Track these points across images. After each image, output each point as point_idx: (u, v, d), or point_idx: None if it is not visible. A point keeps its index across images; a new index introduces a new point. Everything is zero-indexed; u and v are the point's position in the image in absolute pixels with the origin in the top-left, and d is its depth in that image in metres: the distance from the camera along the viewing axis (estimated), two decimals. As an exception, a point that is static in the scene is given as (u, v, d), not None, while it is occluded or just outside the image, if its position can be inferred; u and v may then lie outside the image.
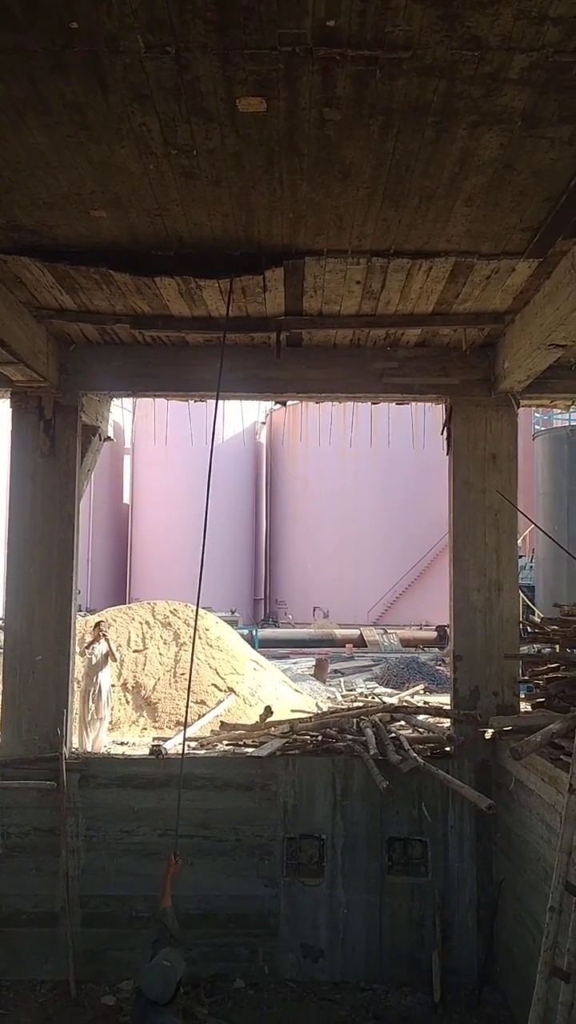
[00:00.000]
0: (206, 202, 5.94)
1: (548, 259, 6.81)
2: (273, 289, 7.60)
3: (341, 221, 6.22)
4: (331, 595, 38.24)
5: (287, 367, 9.23)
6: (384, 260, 6.92)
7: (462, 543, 9.36)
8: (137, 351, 9.16)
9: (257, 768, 9.04)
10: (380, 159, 5.34)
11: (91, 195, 5.86)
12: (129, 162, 5.42)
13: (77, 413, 9.35)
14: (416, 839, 8.98)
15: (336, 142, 5.16)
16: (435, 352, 9.25)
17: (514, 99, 4.71)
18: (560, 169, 5.46)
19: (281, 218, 6.19)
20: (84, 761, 9.12)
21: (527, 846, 7.84)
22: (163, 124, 5.00)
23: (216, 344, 9.07)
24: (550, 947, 5.77)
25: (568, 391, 9.54)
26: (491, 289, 7.50)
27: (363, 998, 8.54)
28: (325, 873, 8.95)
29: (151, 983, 5.33)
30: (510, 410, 9.38)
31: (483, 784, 8.93)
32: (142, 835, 8.90)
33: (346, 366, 9.27)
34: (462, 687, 9.23)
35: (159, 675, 14.10)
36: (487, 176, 5.55)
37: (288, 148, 5.24)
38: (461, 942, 8.87)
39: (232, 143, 5.19)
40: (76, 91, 4.71)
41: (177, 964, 5.57)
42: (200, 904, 8.85)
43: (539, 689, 9.23)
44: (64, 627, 9.26)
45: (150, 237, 6.50)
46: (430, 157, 5.32)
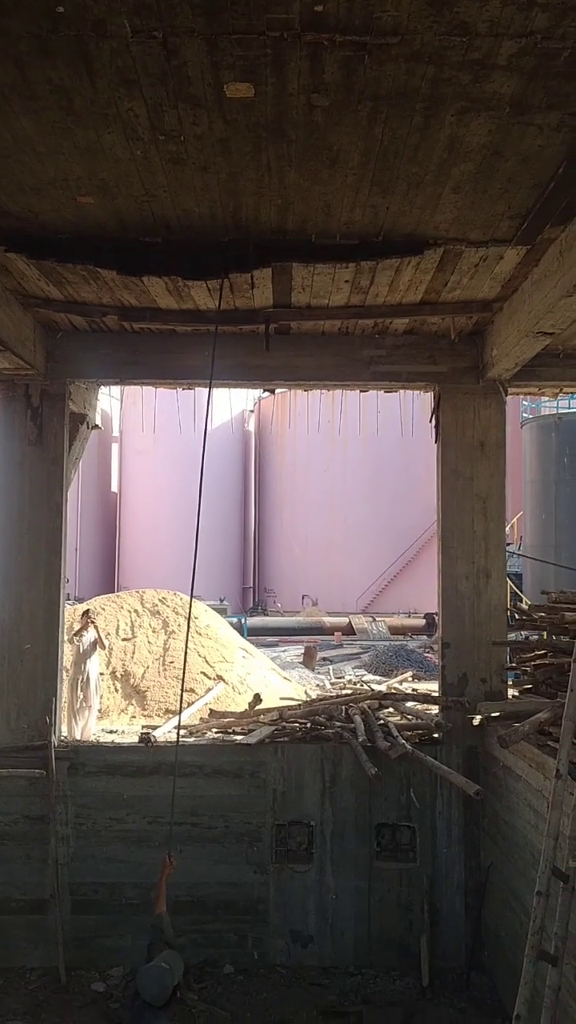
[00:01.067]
0: (193, 188, 5.91)
1: (536, 246, 6.81)
2: (261, 286, 7.60)
3: (329, 208, 6.20)
4: (320, 583, 38.25)
5: (275, 355, 9.21)
6: (372, 263, 6.95)
7: (450, 531, 9.38)
8: (125, 339, 9.12)
9: (246, 756, 9.07)
10: (368, 145, 5.32)
11: (78, 181, 5.82)
12: (116, 147, 5.39)
13: (64, 401, 9.32)
14: (404, 825, 9.02)
15: (324, 128, 5.14)
16: (423, 340, 9.25)
17: (502, 85, 4.69)
18: (548, 156, 5.45)
19: (269, 205, 6.16)
20: (73, 749, 9.13)
21: (515, 831, 7.89)
22: (150, 109, 4.97)
23: (204, 332, 9.06)
24: (537, 931, 5.81)
25: (556, 379, 9.55)
26: (479, 277, 7.49)
27: (352, 983, 8.60)
28: (314, 859, 8.99)
29: (147, 985, 5.35)
30: (498, 398, 9.39)
31: (471, 770, 8.98)
32: (131, 823, 8.92)
33: (335, 354, 9.26)
34: (450, 674, 9.27)
35: (148, 663, 14.11)
36: (475, 163, 5.53)
37: (276, 134, 5.22)
38: (449, 927, 8.93)
39: (220, 129, 5.16)
40: (62, 76, 4.68)
41: (176, 967, 5.60)
42: (189, 891, 8.88)
43: (526, 676, 9.29)
44: (52, 616, 9.25)
45: (137, 223, 6.46)
46: (418, 143, 5.30)
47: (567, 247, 6.40)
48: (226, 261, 7.06)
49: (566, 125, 5.10)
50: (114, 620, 15.08)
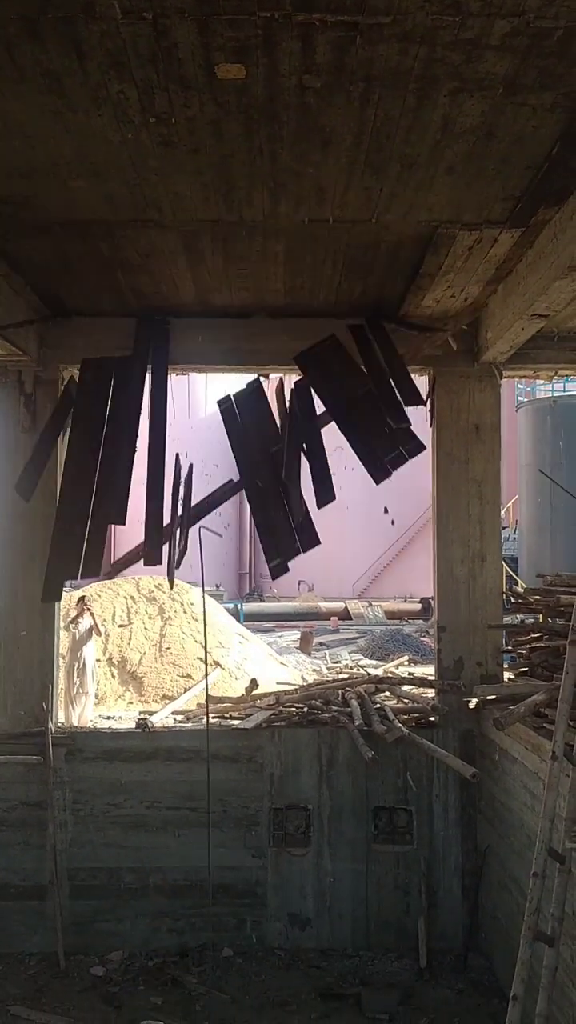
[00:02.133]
0: (185, 171, 5.87)
1: (530, 228, 6.77)
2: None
3: (322, 191, 6.17)
4: (316, 568, 38.20)
5: (270, 339, 9.18)
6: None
7: (445, 515, 9.38)
8: (117, 324, 9.07)
9: (243, 740, 9.09)
10: (361, 127, 5.29)
11: (69, 164, 5.78)
12: (107, 130, 5.35)
13: (58, 387, 9.28)
14: (401, 808, 9.06)
15: (316, 110, 5.10)
16: (418, 323, 9.19)
17: (495, 65, 4.66)
18: (541, 137, 5.42)
19: (262, 188, 6.13)
20: (70, 735, 9.14)
21: (511, 813, 7.92)
22: (141, 92, 4.93)
23: (198, 315, 9.04)
24: (534, 912, 5.84)
25: (551, 361, 9.53)
26: (473, 260, 7.45)
27: (350, 965, 8.65)
28: (312, 843, 9.03)
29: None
30: (493, 381, 9.37)
31: (467, 753, 9.01)
32: (129, 808, 8.94)
33: (329, 338, 9.21)
34: (446, 658, 9.29)
35: (144, 649, 14.12)
36: (469, 144, 5.50)
37: (268, 116, 5.18)
38: (446, 909, 8.97)
39: (211, 111, 5.13)
40: (52, 58, 4.64)
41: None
42: (188, 875, 8.92)
43: (522, 659, 9.30)
44: (48, 604, 9.22)
45: (129, 208, 6.42)
46: (411, 125, 5.26)
47: (561, 229, 6.38)
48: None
49: (559, 105, 5.07)
50: (110, 607, 15.09)
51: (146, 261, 7.55)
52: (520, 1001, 5.77)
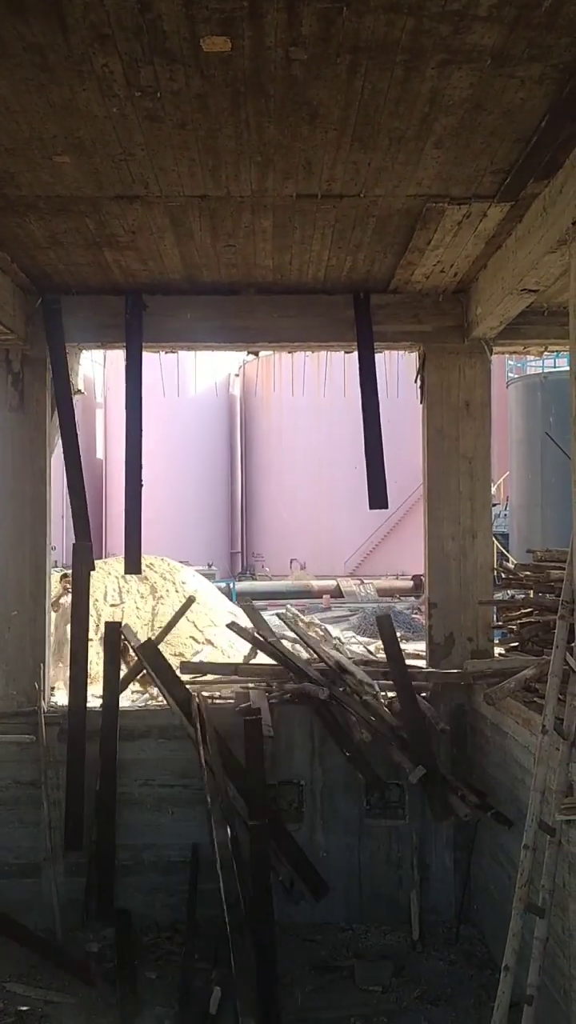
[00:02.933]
0: (172, 146, 5.81)
1: (519, 202, 6.74)
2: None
3: (310, 165, 6.12)
4: (308, 547, 38.40)
5: (259, 316, 9.15)
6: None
7: (436, 492, 9.39)
8: (105, 302, 9.02)
9: (236, 718, 9.10)
10: (348, 100, 5.24)
11: (53, 140, 5.72)
12: (92, 105, 5.29)
13: (46, 366, 9.23)
14: (394, 783, 9.11)
15: (303, 82, 5.05)
16: (407, 299, 9.18)
17: (483, 37, 4.61)
18: (530, 109, 5.39)
19: (249, 162, 6.08)
20: (63, 714, 9.15)
21: (502, 787, 7.99)
22: (125, 65, 4.87)
23: (186, 293, 9.00)
24: (525, 884, 5.91)
25: (541, 337, 9.51)
26: (463, 234, 7.42)
27: (343, 938, 8.73)
28: (304, 818, 9.09)
29: None
30: (483, 357, 9.36)
31: (458, 727, 9.07)
32: (123, 786, 8.96)
33: (319, 315, 9.19)
34: (437, 634, 9.32)
35: (136, 628, 14.09)
36: (457, 117, 5.46)
37: (254, 89, 5.13)
38: (438, 882, 9.06)
39: (197, 84, 5.07)
40: (35, 32, 4.57)
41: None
42: (182, 851, 8.97)
43: (513, 634, 9.34)
44: (39, 583, 9.24)
45: (115, 183, 6.37)
46: (399, 97, 5.22)
47: (551, 202, 6.35)
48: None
49: (548, 77, 5.02)
50: (102, 586, 15.08)
51: (133, 238, 7.49)
52: (511, 972, 5.85)
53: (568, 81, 5.05)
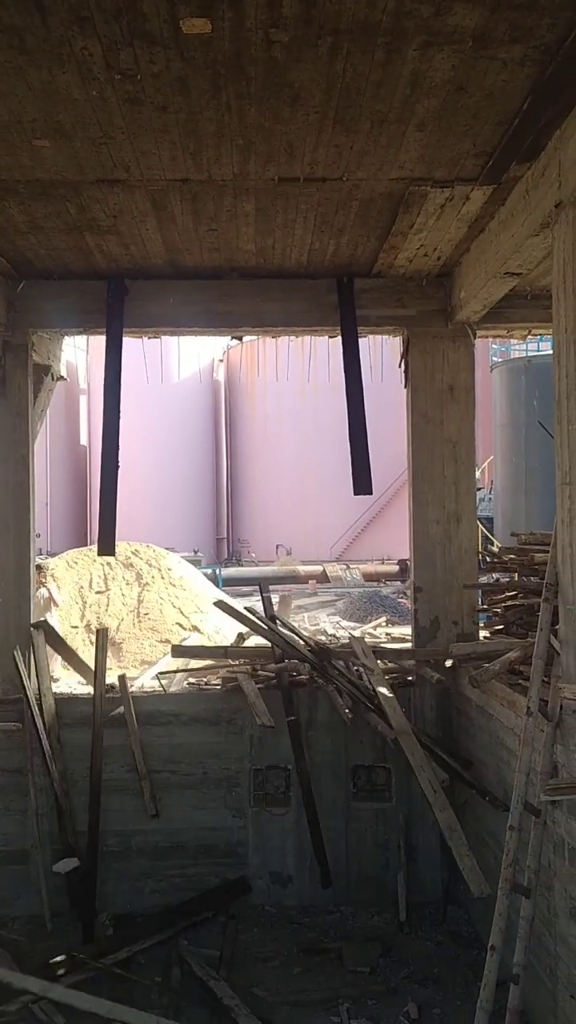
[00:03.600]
0: (152, 129, 5.77)
1: (502, 185, 6.73)
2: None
3: (292, 148, 6.08)
4: (294, 532, 38.37)
5: (242, 301, 9.11)
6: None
7: (421, 476, 9.40)
8: (88, 287, 8.96)
9: (223, 703, 9.15)
10: (330, 82, 5.20)
11: (32, 123, 5.66)
12: (71, 88, 5.23)
13: (27, 352, 9.17)
14: (380, 766, 9.17)
15: (284, 65, 5.01)
16: (391, 283, 9.16)
17: (464, 18, 4.58)
18: (512, 91, 5.36)
19: (230, 145, 6.03)
20: (49, 702, 9.15)
21: (487, 768, 8.04)
22: (105, 48, 4.82)
23: (169, 277, 8.95)
24: (510, 864, 5.96)
25: (524, 320, 9.51)
26: (446, 218, 7.40)
27: (331, 920, 8.79)
28: (291, 802, 9.13)
29: None
30: (467, 341, 9.35)
31: (444, 710, 9.13)
32: (109, 772, 8.99)
33: (302, 299, 9.16)
34: (423, 618, 9.35)
35: (122, 616, 14.13)
36: (439, 99, 5.43)
37: (235, 72, 5.09)
38: (425, 863, 9.12)
39: (177, 67, 5.02)
40: (12, 14, 4.51)
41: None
42: (170, 837, 9.02)
43: (497, 617, 9.41)
44: (23, 571, 9.21)
45: (95, 167, 6.32)
46: (381, 80, 5.19)
47: (533, 185, 6.34)
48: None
49: (529, 59, 5.01)
50: (87, 573, 15.07)
51: (115, 222, 7.44)
52: (498, 951, 5.90)
53: (550, 63, 5.03)
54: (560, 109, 5.53)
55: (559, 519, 5.90)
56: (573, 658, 5.74)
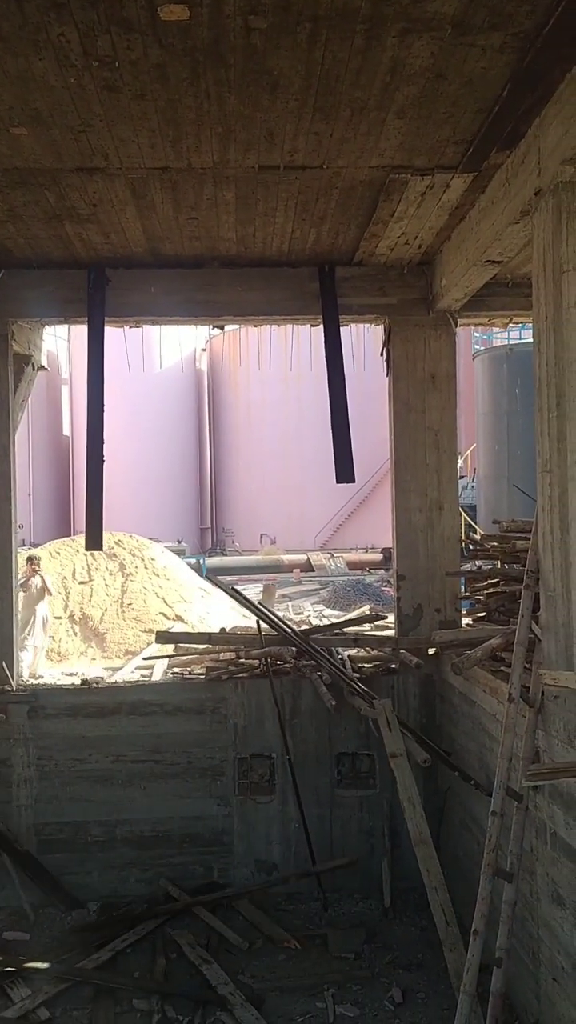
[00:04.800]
0: (131, 117, 5.73)
1: (482, 173, 6.73)
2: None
3: (272, 135, 6.06)
4: (278, 521, 38.35)
5: (224, 289, 9.08)
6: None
7: (403, 465, 9.41)
8: (68, 276, 8.91)
9: (207, 692, 9.16)
10: (309, 69, 5.18)
11: (10, 111, 5.62)
12: (48, 75, 5.19)
13: (7, 342, 9.11)
14: (364, 753, 9.20)
15: (263, 52, 4.99)
16: (372, 271, 9.15)
17: (443, 5, 4.57)
18: (492, 78, 5.36)
19: (210, 133, 6.01)
20: (32, 692, 9.14)
21: (470, 755, 8.09)
22: (82, 35, 4.78)
23: (150, 266, 8.91)
24: (493, 849, 6.00)
25: (506, 308, 9.52)
26: (426, 206, 7.39)
27: (316, 907, 8.82)
28: (276, 790, 9.16)
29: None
30: (448, 329, 9.36)
31: (427, 697, 9.18)
32: (94, 762, 8.99)
33: (284, 288, 9.14)
34: (405, 605, 9.39)
35: (106, 606, 14.12)
36: (419, 87, 5.42)
37: (214, 59, 5.06)
38: (409, 850, 9.07)
39: (155, 54, 4.99)
40: (-13, 0, 4.47)
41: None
42: (154, 826, 9.03)
43: (480, 604, 9.44)
44: (5, 562, 9.17)
45: (74, 155, 6.27)
46: (360, 67, 5.17)
47: (513, 173, 6.35)
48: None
49: (509, 46, 5.00)
50: (70, 564, 15.04)
51: (94, 211, 7.40)
52: (481, 935, 5.96)
53: (529, 50, 5.03)
54: (539, 96, 5.53)
55: (539, 506, 5.93)
56: (554, 644, 5.78)
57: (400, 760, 7.86)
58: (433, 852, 7.57)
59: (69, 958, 7.76)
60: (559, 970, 5.71)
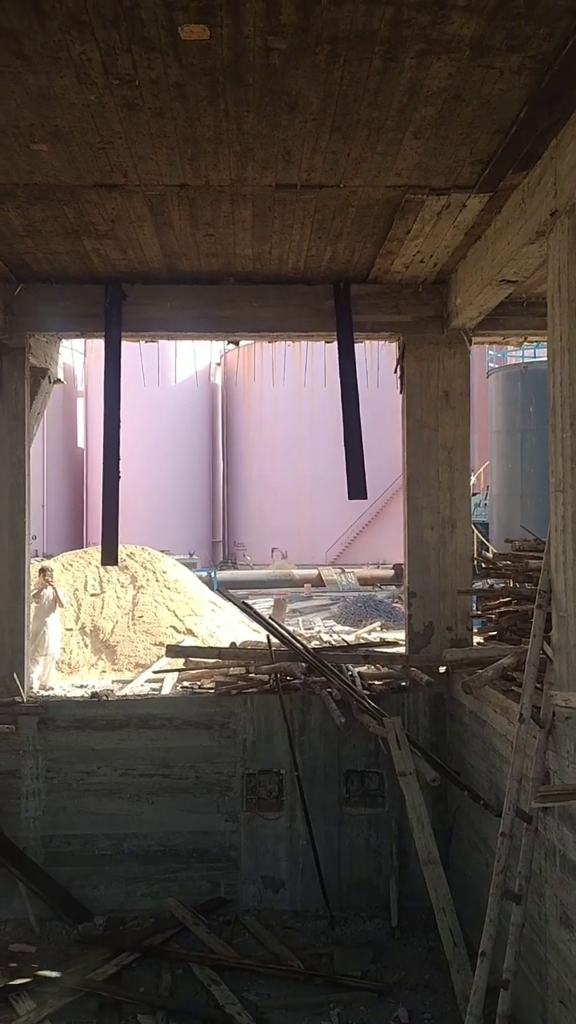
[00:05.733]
0: (150, 135, 5.78)
1: (498, 193, 6.76)
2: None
3: (289, 154, 6.11)
4: (289, 536, 38.37)
5: (240, 306, 9.13)
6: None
7: (415, 481, 9.42)
8: (85, 291, 8.98)
9: (216, 707, 9.15)
10: (327, 90, 5.23)
11: (30, 128, 5.68)
12: (69, 93, 5.25)
13: (25, 355, 9.18)
14: (373, 771, 9.17)
15: (282, 72, 5.04)
16: (387, 289, 9.18)
17: (462, 27, 4.61)
18: (509, 100, 5.39)
19: (228, 151, 6.05)
20: (42, 705, 9.15)
21: (480, 774, 8.05)
22: (103, 53, 4.83)
23: (166, 282, 8.97)
24: (502, 871, 5.97)
25: (520, 327, 9.54)
26: (442, 225, 7.43)
27: (323, 925, 8.78)
28: (284, 807, 9.13)
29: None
30: (463, 347, 9.38)
31: (437, 716, 9.14)
32: (103, 775, 8.99)
33: (299, 304, 9.18)
34: (416, 623, 9.37)
35: (117, 618, 14.13)
36: (436, 107, 5.46)
37: (233, 79, 5.11)
38: (417, 869, 9.02)
39: (175, 73, 5.04)
40: (11, 18, 4.53)
41: None
42: (162, 840, 9.01)
43: (491, 623, 9.41)
44: (18, 573, 9.20)
45: (93, 172, 6.33)
46: (378, 88, 5.21)
47: (529, 193, 6.37)
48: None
49: (527, 68, 5.03)
50: (82, 576, 15.07)
51: (112, 226, 7.46)
52: (488, 957, 5.91)
53: (547, 72, 5.06)
54: (557, 118, 5.56)
55: (553, 526, 5.92)
56: (565, 665, 5.76)
57: (409, 779, 7.83)
58: (442, 872, 7.53)
59: (74, 972, 7.74)
60: (566, 993, 5.66)
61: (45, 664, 11.13)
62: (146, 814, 9.04)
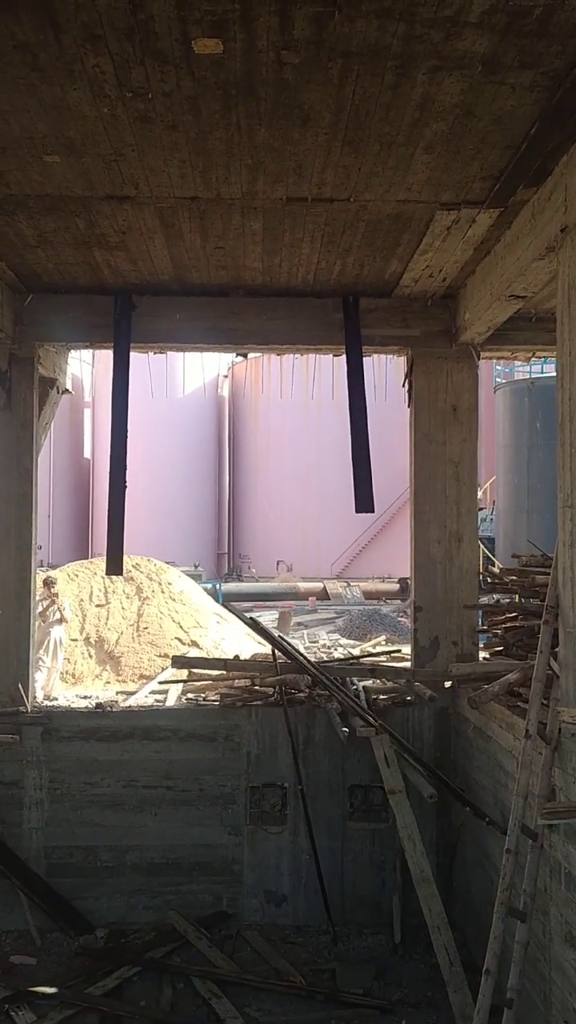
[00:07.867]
0: (162, 147, 5.81)
1: (508, 209, 6.77)
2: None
3: (301, 168, 6.13)
4: (295, 549, 38.32)
5: (249, 318, 9.15)
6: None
7: (422, 496, 9.41)
8: (94, 302, 9.01)
9: (220, 719, 9.12)
10: (339, 104, 5.25)
11: (44, 139, 5.71)
12: (82, 105, 5.28)
13: (34, 365, 9.21)
14: (377, 786, 9.10)
15: (295, 86, 5.06)
16: (396, 303, 9.20)
17: (474, 43, 4.63)
18: (520, 116, 5.41)
19: (240, 164, 6.08)
20: (46, 715, 9.13)
21: (485, 791, 8.00)
22: (117, 66, 4.86)
23: (176, 293, 8.99)
24: (507, 888, 5.92)
25: (528, 343, 9.55)
26: (452, 240, 7.44)
27: (325, 940, 8.72)
28: (288, 820, 9.09)
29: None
30: (471, 362, 9.38)
31: (442, 731, 9.11)
32: (106, 786, 8.96)
33: (308, 317, 9.20)
34: (422, 637, 9.34)
35: (122, 629, 14.10)
36: (447, 123, 5.48)
37: (245, 92, 5.13)
38: (421, 885, 9.05)
39: (188, 86, 5.07)
40: (26, 31, 4.56)
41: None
42: (165, 853, 8.98)
43: (497, 638, 9.39)
44: (24, 583, 9.21)
45: (105, 183, 6.36)
46: (390, 103, 5.23)
47: (539, 209, 6.38)
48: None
49: (538, 85, 5.05)
50: (87, 586, 15.04)
51: (123, 238, 7.49)
52: (492, 975, 5.87)
53: (558, 89, 5.07)
54: (567, 134, 5.57)
55: (560, 541, 5.90)
56: (572, 681, 5.73)
57: (399, 796, 7.78)
58: (435, 891, 7.48)
59: (75, 984, 7.70)
60: (571, 1013, 5.61)
61: (49, 674, 11.10)
62: (149, 826, 9.00)
